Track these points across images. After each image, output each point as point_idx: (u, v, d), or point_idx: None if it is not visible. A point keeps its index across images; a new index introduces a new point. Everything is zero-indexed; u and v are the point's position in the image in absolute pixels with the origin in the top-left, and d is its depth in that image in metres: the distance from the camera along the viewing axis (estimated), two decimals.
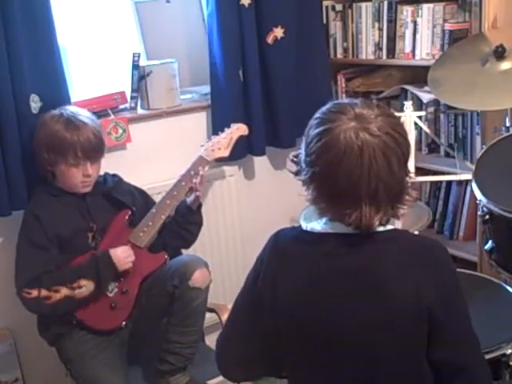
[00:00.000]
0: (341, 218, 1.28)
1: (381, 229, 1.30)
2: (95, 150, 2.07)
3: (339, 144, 1.23)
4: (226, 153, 2.38)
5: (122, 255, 2.07)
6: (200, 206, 2.28)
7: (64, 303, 1.99)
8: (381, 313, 1.25)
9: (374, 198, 1.24)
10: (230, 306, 2.33)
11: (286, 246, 1.37)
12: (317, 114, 1.31)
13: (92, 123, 2.09)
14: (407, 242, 1.32)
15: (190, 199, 2.24)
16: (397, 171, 1.25)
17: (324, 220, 1.34)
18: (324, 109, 1.32)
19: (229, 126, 2.44)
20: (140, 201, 2.27)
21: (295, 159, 1.36)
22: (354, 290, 1.27)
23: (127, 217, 2.18)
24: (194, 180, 2.22)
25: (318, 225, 1.35)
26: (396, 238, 1.32)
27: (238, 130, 2.44)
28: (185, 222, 2.25)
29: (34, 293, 1.97)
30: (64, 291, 1.98)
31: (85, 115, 2.11)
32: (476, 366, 1.32)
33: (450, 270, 1.31)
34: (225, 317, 2.21)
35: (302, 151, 1.32)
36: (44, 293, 1.97)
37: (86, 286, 2.00)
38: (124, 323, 2.09)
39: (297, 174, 1.35)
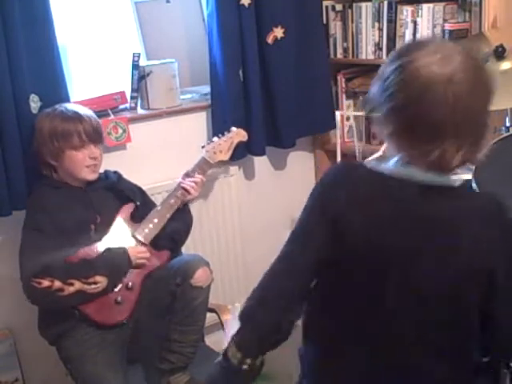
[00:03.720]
0: (420, 155, 1.21)
1: (457, 183, 1.26)
2: (97, 132, 2.12)
3: (422, 77, 1.17)
4: (226, 157, 2.41)
5: (136, 253, 2.08)
6: (186, 205, 2.28)
7: (75, 297, 1.96)
8: (449, 266, 1.23)
9: (457, 133, 1.18)
10: (230, 307, 2.34)
11: (359, 183, 1.29)
12: (392, 53, 1.27)
13: (86, 110, 2.13)
14: (486, 203, 1.28)
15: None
16: (481, 108, 1.21)
17: (396, 159, 1.27)
18: (399, 47, 1.29)
19: (229, 131, 2.45)
20: (140, 198, 2.26)
21: (364, 102, 1.33)
22: (427, 240, 1.23)
23: (131, 210, 2.18)
24: (187, 175, 2.23)
25: (389, 165, 1.29)
26: (474, 196, 1.30)
27: (238, 135, 2.47)
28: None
29: (46, 283, 1.91)
30: (78, 285, 1.95)
31: (76, 107, 2.13)
32: None
33: None
34: (225, 317, 2.21)
35: (376, 90, 1.28)
36: (58, 284, 1.92)
37: (100, 283, 1.99)
38: (125, 320, 2.07)
39: (371, 111, 1.29)
